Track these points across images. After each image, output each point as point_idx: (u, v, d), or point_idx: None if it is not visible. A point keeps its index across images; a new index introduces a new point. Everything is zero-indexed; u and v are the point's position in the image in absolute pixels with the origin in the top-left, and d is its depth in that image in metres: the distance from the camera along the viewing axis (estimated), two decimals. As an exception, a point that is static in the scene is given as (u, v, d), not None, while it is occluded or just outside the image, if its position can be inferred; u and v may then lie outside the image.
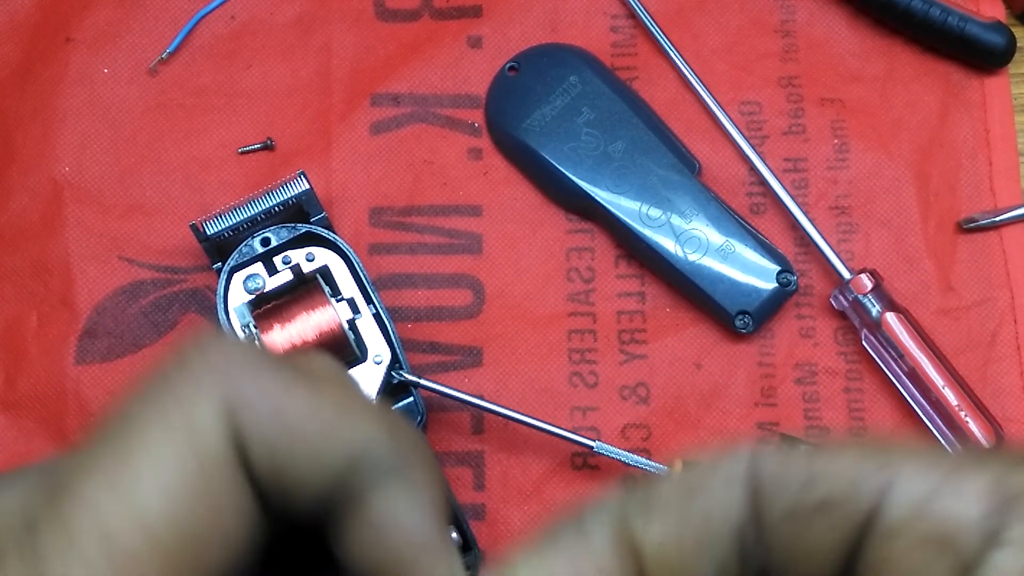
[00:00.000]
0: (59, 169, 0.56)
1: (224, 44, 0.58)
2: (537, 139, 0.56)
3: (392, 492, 0.20)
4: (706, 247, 0.54)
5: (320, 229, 0.51)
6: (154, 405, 0.19)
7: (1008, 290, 0.55)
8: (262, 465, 0.20)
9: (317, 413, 0.20)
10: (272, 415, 0.20)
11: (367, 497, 0.20)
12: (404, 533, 0.20)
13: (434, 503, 0.21)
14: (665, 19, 0.58)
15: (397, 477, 0.21)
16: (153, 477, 0.19)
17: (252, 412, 0.20)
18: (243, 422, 0.19)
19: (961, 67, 0.58)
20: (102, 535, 0.18)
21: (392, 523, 0.20)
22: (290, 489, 0.20)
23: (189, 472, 0.19)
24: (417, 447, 0.22)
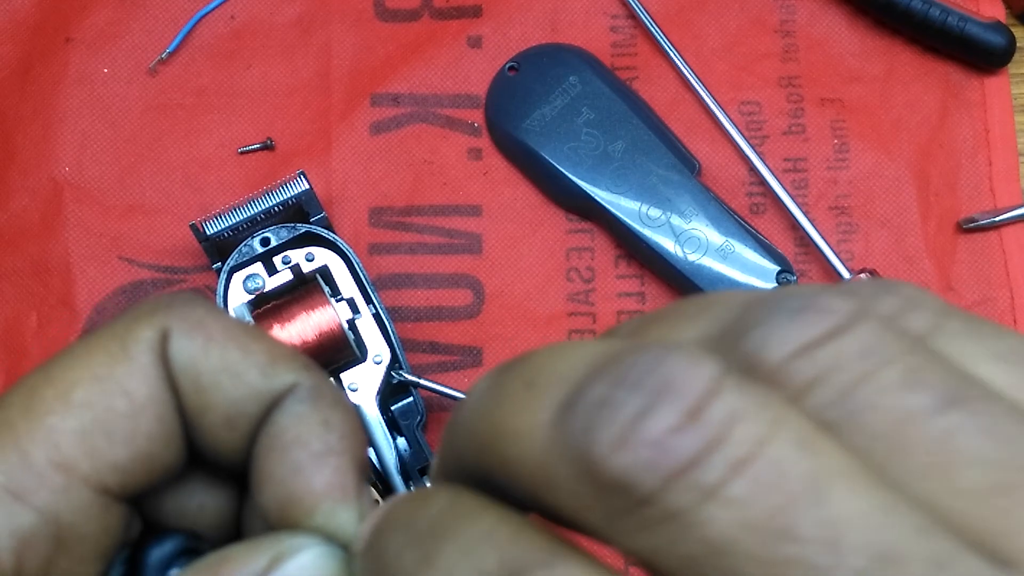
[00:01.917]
0: (59, 169, 0.56)
1: (224, 44, 0.58)
2: (537, 139, 0.56)
3: (302, 417, 0.21)
4: (706, 247, 0.54)
5: (320, 229, 0.51)
6: (103, 328, 0.22)
7: (1008, 290, 0.55)
8: (186, 385, 0.21)
9: (245, 351, 0.22)
10: (200, 344, 0.22)
11: (275, 414, 0.22)
12: (299, 445, 0.21)
13: (345, 443, 0.21)
14: (665, 19, 0.58)
15: (312, 410, 0.22)
16: (83, 373, 0.21)
17: (182, 339, 0.21)
18: (172, 347, 0.21)
19: (961, 67, 0.58)
20: (28, 407, 0.21)
21: (291, 435, 0.21)
22: (212, 420, 0.22)
23: (113, 374, 0.21)
24: (341, 401, 0.22)
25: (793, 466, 0.14)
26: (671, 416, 0.14)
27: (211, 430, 0.22)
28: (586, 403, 0.15)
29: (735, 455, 0.14)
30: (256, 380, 0.22)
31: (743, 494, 0.13)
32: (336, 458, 0.21)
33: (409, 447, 0.50)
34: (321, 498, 0.21)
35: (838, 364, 0.15)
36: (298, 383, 0.22)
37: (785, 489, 0.13)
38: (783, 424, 0.14)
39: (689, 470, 0.14)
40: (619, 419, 0.14)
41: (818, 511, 0.13)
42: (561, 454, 0.15)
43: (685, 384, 0.14)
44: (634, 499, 0.14)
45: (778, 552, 0.13)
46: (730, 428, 0.14)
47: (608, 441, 0.14)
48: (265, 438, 0.22)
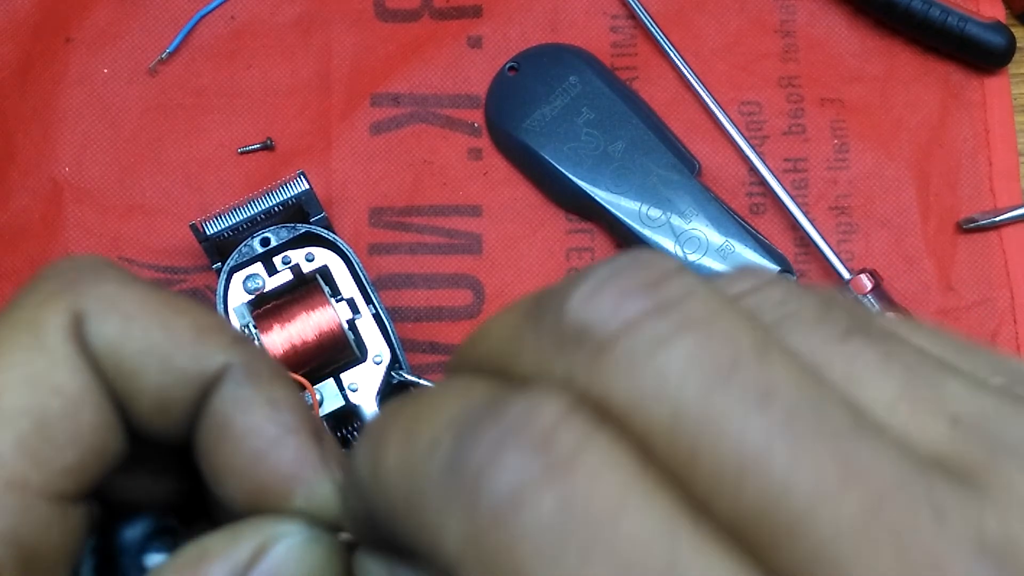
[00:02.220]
0: (59, 169, 0.56)
1: (224, 44, 0.58)
2: (537, 139, 0.56)
3: (247, 401, 0.21)
4: (706, 247, 0.54)
5: (320, 229, 0.51)
6: (7, 316, 0.20)
7: (1008, 290, 0.55)
8: (110, 371, 0.20)
9: (168, 328, 0.20)
10: (118, 326, 0.20)
11: (216, 401, 0.21)
12: (254, 433, 0.20)
13: (298, 416, 0.21)
14: (665, 19, 0.58)
15: (254, 391, 0.21)
16: (5, 376, 0.19)
17: (98, 322, 0.20)
18: (89, 331, 0.20)
19: (961, 67, 0.58)
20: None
21: (242, 424, 0.21)
22: (143, 407, 0.21)
23: (37, 371, 0.19)
24: (278, 371, 0.22)
25: (736, 334, 0.15)
26: (633, 283, 0.15)
27: (144, 416, 0.21)
28: (560, 285, 0.16)
29: (685, 318, 0.15)
30: (185, 363, 0.21)
31: (688, 348, 0.15)
32: (294, 437, 0.21)
33: (409, 447, 0.50)
34: (293, 480, 0.20)
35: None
36: (231, 361, 0.21)
37: (728, 349, 0.15)
38: (724, 306, 0.15)
39: (643, 323, 0.15)
40: (585, 285, 0.16)
41: (755, 369, 0.15)
42: (530, 326, 0.16)
43: (648, 264, 0.16)
44: (596, 343, 0.15)
45: (711, 399, 0.14)
46: (682, 300, 0.15)
47: (575, 301, 0.16)
48: (211, 429, 0.21)
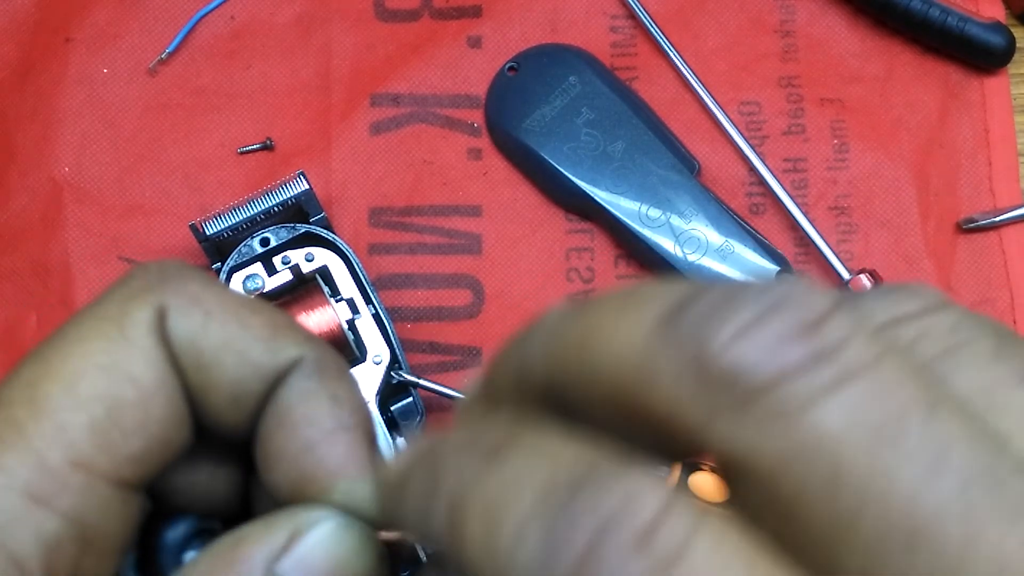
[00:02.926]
0: (59, 169, 0.56)
1: (224, 44, 0.58)
2: (537, 139, 0.56)
3: (310, 393, 0.21)
4: (705, 247, 0.54)
5: (320, 229, 0.51)
6: (95, 309, 0.21)
7: (1008, 290, 0.55)
8: (189, 365, 0.21)
9: (246, 325, 0.21)
10: (199, 321, 0.21)
11: (282, 392, 0.21)
12: (310, 422, 0.21)
13: (356, 417, 0.21)
14: (665, 19, 0.58)
15: (319, 385, 0.21)
16: (86, 363, 0.20)
17: (180, 317, 0.21)
18: (171, 325, 0.21)
19: (961, 67, 0.58)
20: (33, 403, 0.20)
21: (301, 413, 0.21)
22: (217, 399, 0.21)
23: (116, 360, 0.20)
24: (346, 374, 0.22)
25: (901, 387, 0.14)
26: (788, 325, 0.14)
27: (215, 408, 0.21)
28: (699, 307, 0.15)
29: (846, 368, 0.14)
30: (260, 356, 0.21)
31: (851, 401, 0.14)
32: (348, 433, 0.21)
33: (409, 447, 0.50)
34: (337, 475, 0.20)
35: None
36: (302, 356, 0.21)
37: (894, 402, 0.14)
38: (888, 353, 0.14)
39: (800, 373, 0.14)
40: (737, 320, 0.14)
41: (925, 427, 0.14)
42: (667, 350, 0.15)
43: (803, 302, 0.14)
44: (746, 391, 0.14)
45: (878, 459, 0.13)
46: (842, 347, 0.14)
47: (724, 337, 0.14)
48: (272, 416, 0.21)
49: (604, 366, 0.16)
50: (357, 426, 0.21)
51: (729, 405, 0.14)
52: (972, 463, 0.13)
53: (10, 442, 0.19)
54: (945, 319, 0.15)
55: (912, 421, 0.13)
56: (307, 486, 0.20)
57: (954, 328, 0.15)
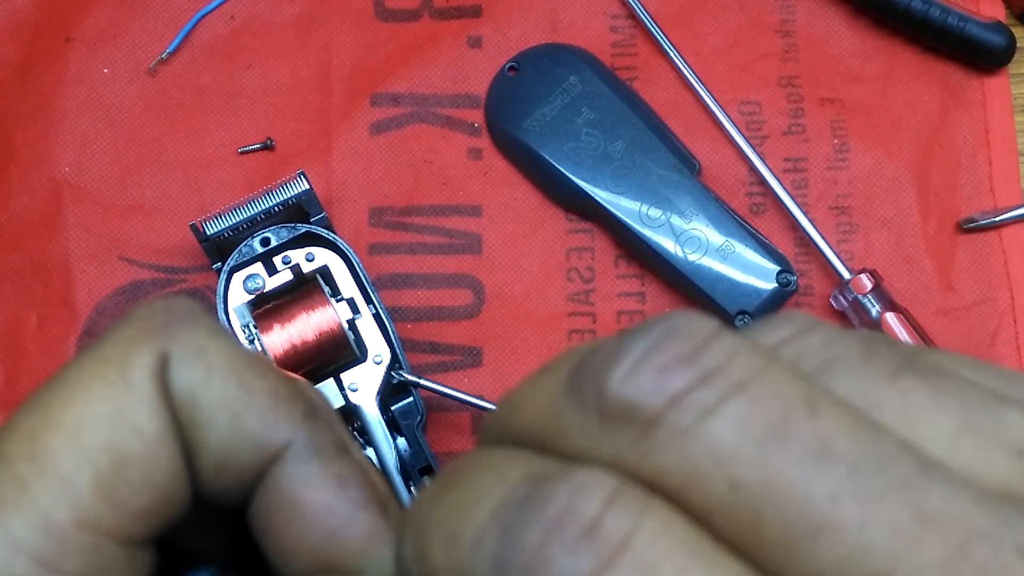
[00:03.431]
0: (59, 169, 0.56)
1: (224, 44, 0.58)
2: (537, 139, 0.56)
3: (315, 479, 0.21)
4: (706, 247, 0.54)
5: (320, 229, 0.51)
6: (96, 351, 0.20)
7: (1008, 290, 0.55)
8: (184, 419, 0.20)
9: (247, 388, 0.20)
10: (201, 374, 0.20)
11: (281, 478, 0.21)
12: (325, 511, 0.21)
13: (367, 491, 0.21)
14: (665, 19, 0.58)
15: (322, 469, 0.21)
16: (88, 411, 0.19)
17: (182, 367, 0.20)
18: (172, 375, 0.20)
19: (961, 67, 0.58)
20: (35, 457, 0.19)
21: (311, 502, 0.21)
22: (203, 462, 0.20)
23: (119, 409, 0.19)
24: (344, 444, 0.22)
25: (783, 393, 0.15)
26: (672, 355, 0.15)
27: (201, 472, 0.21)
28: (595, 359, 0.16)
29: (730, 383, 0.15)
30: (255, 427, 0.20)
31: (737, 413, 0.15)
32: (364, 513, 0.21)
33: (409, 447, 0.50)
34: (366, 556, 0.20)
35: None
36: (295, 439, 0.21)
37: (777, 408, 0.15)
38: (769, 364, 0.15)
39: (688, 395, 0.15)
40: (626, 361, 0.15)
41: (808, 424, 0.15)
42: (571, 404, 0.16)
43: (685, 333, 0.16)
44: (643, 421, 0.15)
45: (768, 462, 0.14)
46: (724, 366, 0.15)
47: (617, 378, 0.15)
48: (276, 506, 0.21)
49: (524, 433, 0.17)
50: (369, 502, 0.21)
51: (631, 437, 0.15)
52: (855, 449, 0.14)
53: (14, 502, 0.18)
54: (816, 337, 0.16)
55: (795, 421, 0.14)
56: (338, 569, 0.20)
57: (826, 343, 0.16)
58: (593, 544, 0.14)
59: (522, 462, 0.16)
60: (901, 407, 0.15)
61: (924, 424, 0.15)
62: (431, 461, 0.50)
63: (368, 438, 0.50)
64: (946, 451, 0.15)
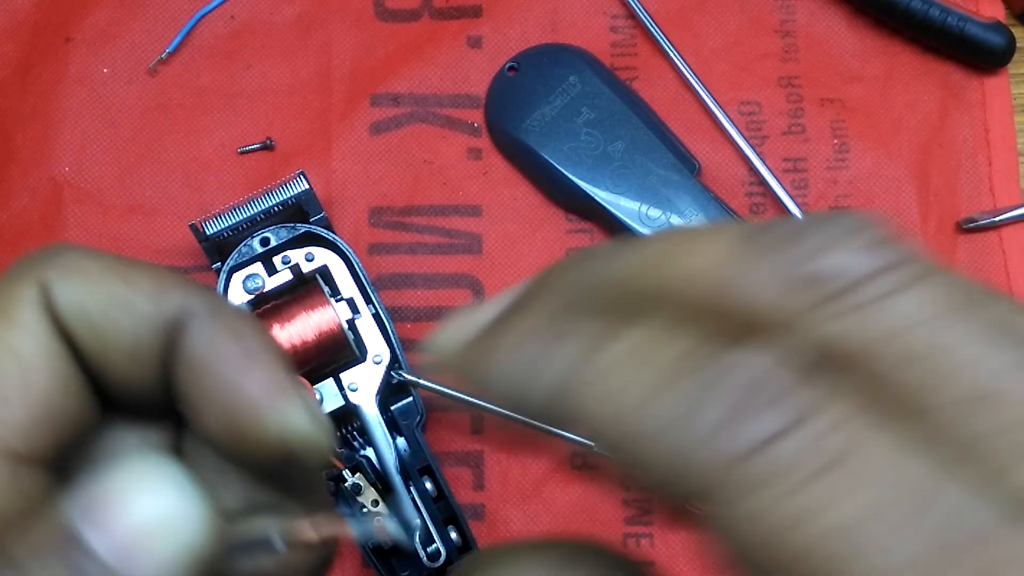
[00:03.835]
0: (59, 169, 0.56)
1: (224, 44, 0.58)
2: (537, 139, 0.56)
3: (210, 334, 0.22)
4: (706, 247, 0.54)
5: (320, 229, 0.51)
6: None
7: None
8: (82, 332, 0.21)
9: (129, 283, 0.22)
10: (82, 287, 0.21)
11: (184, 344, 0.22)
12: (221, 361, 0.21)
13: (262, 343, 0.22)
14: (665, 19, 0.58)
15: (217, 326, 0.22)
16: None
17: (63, 287, 0.21)
18: (56, 297, 0.21)
19: (961, 67, 0.58)
20: None
21: (209, 354, 0.21)
22: (116, 359, 0.21)
23: (2, 339, 0.21)
24: (240, 309, 0.23)
25: (957, 289, 0.16)
26: (861, 242, 0.17)
27: (118, 370, 0.22)
28: (775, 231, 0.17)
29: (913, 274, 0.16)
30: (146, 307, 0.21)
31: (921, 295, 0.16)
32: (259, 362, 0.21)
33: (409, 447, 0.50)
34: (266, 406, 0.21)
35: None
36: (190, 303, 0.22)
37: (957, 297, 0.16)
38: (939, 269, 0.17)
39: (877, 275, 0.16)
40: (814, 238, 0.17)
41: (981, 313, 0.16)
42: (753, 258, 0.17)
43: (868, 228, 0.17)
44: (834, 289, 0.16)
45: (947, 337, 0.16)
46: (904, 262, 0.17)
47: (807, 248, 0.17)
48: (182, 368, 0.21)
49: (687, 277, 0.18)
50: (266, 351, 0.21)
51: (818, 301, 0.16)
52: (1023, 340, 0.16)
53: None
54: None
55: (978, 303, 0.16)
56: (240, 425, 0.21)
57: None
58: (787, 405, 0.15)
59: (682, 335, 0.17)
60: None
61: None
62: (431, 461, 0.50)
63: (368, 438, 0.50)
64: None
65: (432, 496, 0.50)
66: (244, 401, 0.21)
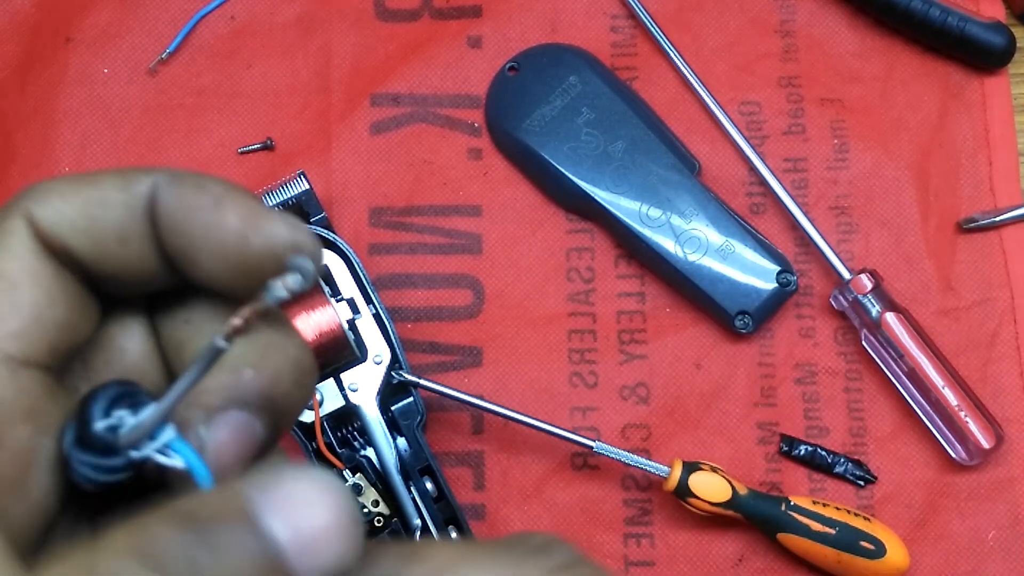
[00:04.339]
0: (59, 169, 0.56)
1: (224, 44, 0.58)
2: (537, 139, 0.56)
3: (179, 190, 0.24)
4: (706, 247, 0.54)
5: (320, 229, 0.51)
6: None
7: (1008, 290, 0.55)
8: (72, 239, 0.23)
9: (98, 184, 0.24)
10: (57, 202, 0.24)
11: (160, 210, 0.24)
12: (204, 204, 0.23)
13: (229, 186, 0.24)
14: (665, 19, 0.58)
15: (183, 183, 0.24)
16: None
17: (42, 208, 0.23)
18: (38, 219, 0.23)
19: (961, 67, 0.58)
20: None
21: (192, 206, 0.24)
22: (106, 247, 0.24)
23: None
24: (200, 173, 0.24)
25: None
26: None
27: (110, 257, 0.24)
28: None
29: None
30: (118, 195, 0.24)
31: None
32: (230, 201, 0.23)
33: (409, 447, 0.50)
34: (245, 229, 0.23)
35: None
36: (157, 179, 0.24)
37: None
38: None
39: None
40: None
41: None
42: None
43: None
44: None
45: None
46: None
47: None
48: (166, 232, 0.23)
49: None
50: (232, 192, 0.24)
51: None
52: None
53: None
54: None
55: None
56: (233, 257, 0.23)
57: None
58: None
59: None
60: None
61: None
62: (431, 461, 0.50)
63: (368, 438, 0.50)
64: None
65: (432, 496, 0.50)
66: (229, 234, 0.23)
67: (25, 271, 0.23)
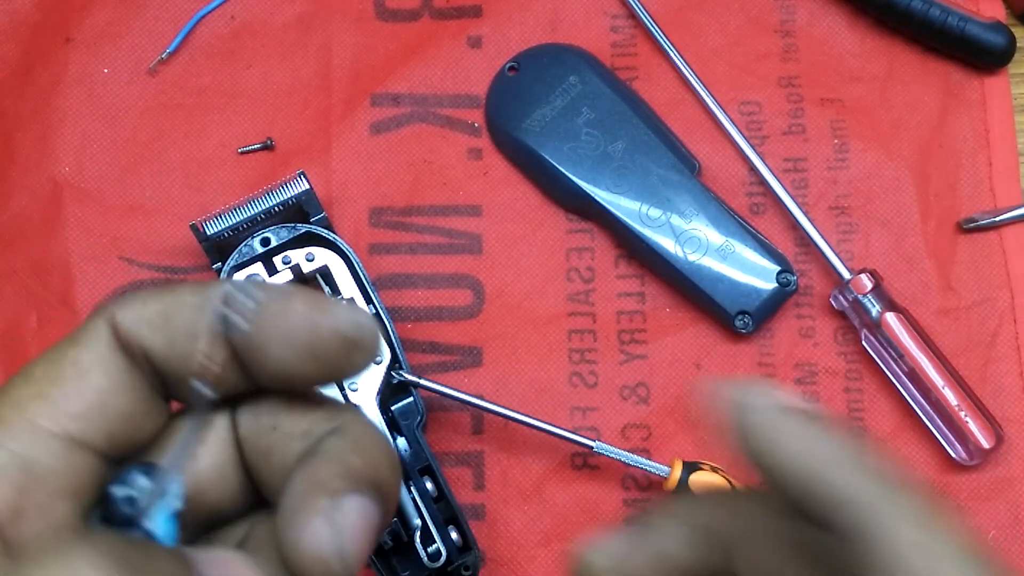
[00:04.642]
0: (59, 169, 0.56)
1: (224, 44, 0.58)
2: (537, 139, 0.56)
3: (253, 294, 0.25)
4: (706, 247, 0.54)
5: (320, 229, 0.51)
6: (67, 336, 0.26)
7: (1008, 290, 0.55)
8: (144, 334, 0.25)
9: (174, 290, 0.26)
10: (137, 310, 0.25)
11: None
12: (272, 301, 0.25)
13: (285, 289, 0.26)
14: (665, 19, 0.58)
15: (245, 291, 0.25)
16: (44, 361, 0.25)
17: (124, 314, 0.25)
18: (118, 320, 0.25)
19: (961, 67, 0.58)
20: (18, 407, 0.24)
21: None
22: (177, 343, 0.25)
23: (63, 352, 0.25)
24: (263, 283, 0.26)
25: None
26: None
27: (182, 353, 0.25)
28: None
29: None
30: (192, 299, 0.25)
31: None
32: (296, 296, 0.25)
33: (409, 447, 0.50)
34: (314, 316, 0.25)
35: None
36: (228, 288, 0.25)
37: None
38: None
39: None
40: None
41: None
42: None
43: None
44: None
45: None
46: None
47: None
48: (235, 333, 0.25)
49: None
50: (293, 292, 0.26)
51: None
52: None
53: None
54: None
55: None
56: (300, 342, 0.25)
57: None
58: None
59: None
60: None
61: None
62: (431, 461, 0.50)
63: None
64: None
65: (432, 496, 0.50)
66: (298, 318, 0.25)
67: (96, 361, 0.25)
